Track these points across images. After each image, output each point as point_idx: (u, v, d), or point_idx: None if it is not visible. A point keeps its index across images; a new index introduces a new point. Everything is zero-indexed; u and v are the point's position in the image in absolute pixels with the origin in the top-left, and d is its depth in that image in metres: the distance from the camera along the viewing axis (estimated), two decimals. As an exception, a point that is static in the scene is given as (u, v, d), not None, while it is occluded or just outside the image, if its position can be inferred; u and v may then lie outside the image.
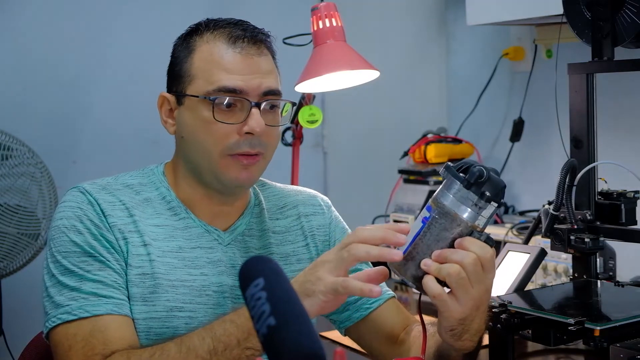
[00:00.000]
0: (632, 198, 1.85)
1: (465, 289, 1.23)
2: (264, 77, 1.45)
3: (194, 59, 1.45)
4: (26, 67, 2.68)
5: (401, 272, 1.27)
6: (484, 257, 1.23)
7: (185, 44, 1.48)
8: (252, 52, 1.45)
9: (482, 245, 1.24)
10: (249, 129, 1.42)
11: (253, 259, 0.97)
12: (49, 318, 1.38)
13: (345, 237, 1.32)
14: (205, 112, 1.43)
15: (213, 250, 1.49)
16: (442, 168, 1.28)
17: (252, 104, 1.43)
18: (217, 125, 1.42)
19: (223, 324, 1.30)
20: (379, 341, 1.57)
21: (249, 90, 1.43)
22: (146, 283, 1.42)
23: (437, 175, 2.84)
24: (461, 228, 1.24)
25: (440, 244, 1.25)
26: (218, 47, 1.44)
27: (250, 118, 1.42)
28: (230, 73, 1.43)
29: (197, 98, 1.43)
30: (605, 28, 1.87)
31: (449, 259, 1.23)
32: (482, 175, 1.22)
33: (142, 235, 1.44)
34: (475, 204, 1.23)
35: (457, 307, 1.24)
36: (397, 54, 3.26)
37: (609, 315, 1.59)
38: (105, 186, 1.47)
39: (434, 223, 1.25)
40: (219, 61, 1.44)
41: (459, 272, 1.22)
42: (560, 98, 2.07)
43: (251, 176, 1.46)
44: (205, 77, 1.44)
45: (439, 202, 1.25)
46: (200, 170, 1.46)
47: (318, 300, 1.26)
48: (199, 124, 1.43)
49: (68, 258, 1.40)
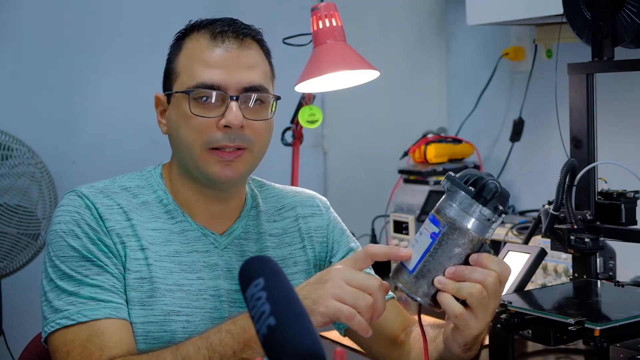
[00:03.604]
0: (632, 198, 1.84)
1: (485, 306, 1.22)
2: (245, 71, 1.44)
3: (180, 57, 1.47)
4: (26, 68, 2.68)
5: (412, 290, 1.24)
6: (503, 275, 1.23)
7: (176, 45, 1.50)
8: (234, 47, 1.45)
9: (499, 262, 1.23)
10: (226, 122, 1.41)
11: (253, 259, 0.96)
12: (47, 323, 1.38)
13: (355, 256, 1.30)
14: (185, 107, 1.43)
15: (209, 254, 1.49)
16: (445, 179, 1.24)
17: (229, 98, 1.43)
18: (196, 120, 1.42)
19: (219, 333, 1.29)
20: (379, 342, 1.57)
21: (228, 85, 1.43)
22: (144, 287, 1.42)
23: (437, 175, 2.85)
24: (473, 243, 1.22)
25: (453, 260, 1.22)
26: (200, 43, 1.45)
27: (228, 111, 1.42)
28: (210, 67, 1.43)
29: (180, 94, 1.44)
30: (605, 28, 1.87)
31: (469, 277, 1.21)
32: (498, 191, 1.20)
33: (139, 239, 1.44)
34: (489, 219, 1.21)
35: (476, 323, 1.23)
36: (397, 54, 3.26)
37: (609, 315, 1.59)
38: (102, 190, 1.47)
39: (445, 239, 1.22)
40: (200, 56, 1.44)
41: (481, 292, 1.21)
42: (560, 98, 2.07)
43: (234, 171, 1.45)
44: (187, 73, 1.45)
45: (448, 216, 1.21)
46: (187, 167, 1.47)
47: (316, 320, 1.22)
48: (180, 120, 1.44)
49: (66, 262, 1.39)
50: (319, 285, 1.24)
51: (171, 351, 1.32)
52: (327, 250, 1.62)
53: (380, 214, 2.99)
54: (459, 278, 1.22)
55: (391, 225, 2.80)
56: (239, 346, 1.27)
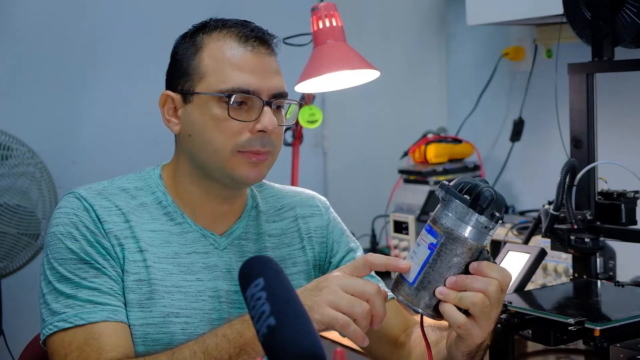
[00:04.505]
0: (632, 198, 1.85)
1: (488, 314, 1.22)
2: (274, 77, 1.45)
3: (203, 56, 1.44)
4: (26, 68, 2.68)
5: (414, 303, 1.24)
6: (504, 282, 1.23)
7: (191, 42, 1.47)
8: (262, 51, 1.45)
9: (500, 269, 1.23)
10: (262, 127, 1.41)
11: (253, 259, 0.97)
12: (45, 325, 1.38)
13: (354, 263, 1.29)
14: (217, 109, 1.42)
15: (209, 255, 1.49)
16: (439, 189, 1.23)
17: (264, 103, 1.43)
18: (230, 123, 1.41)
19: (215, 337, 1.29)
20: (379, 343, 1.56)
21: (261, 90, 1.43)
22: (142, 289, 1.41)
23: (437, 175, 2.84)
24: (472, 251, 1.22)
25: (453, 270, 1.22)
26: (229, 45, 1.44)
27: (262, 116, 1.42)
28: (243, 71, 1.43)
29: (208, 95, 1.43)
30: (605, 28, 1.87)
31: (471, 287, 1.21)
32: (493, 198, 1.19)
33: (138, 241, 1.43)
34: (486, 227, 1.20)
35: (479, 332, 1.23)
36: (397, 54, 3.26)
37: (609, 315, 1.59)
38: (101, 191, 1.46)
39: (443, 249, 1.21)
40: (231, 59, 1.43)
41: (483, 301, 1.20)
42: (560, 98, 2.07)
43: (260, 173, 1.46)
44: (217, 75, 1.43)
45: (445, 226, 1.21)
46: (208, 168, 1.45)
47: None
48: (209, 122, 1.43)
49: (64, 265, 1.39)
50: (315, 292, 1.25)
51: (167, 355, 1.32)
52: (326, 250, 1.62)
53: (380, 214, 2.99)
54: (460, 288, 1.21)
55: (391, 225, 2.80)
56: (234, 350, 1.27)
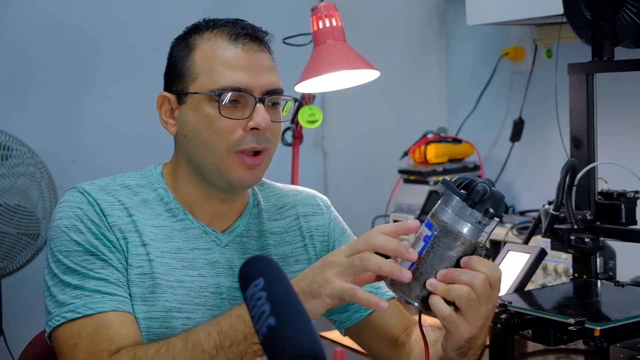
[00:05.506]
0: (632, 198, 1.85)
1: (475, 309, 1.22)
2: (266, 73, 1.45)
3: (195, 57, 1.45)
4: (26, 68, 2.68)
5: (405, 292, 1.24)
6: (493, 277, 1.22)
7: (185, 44, 1.48)
8: (254, 49, 1.45)
9: (490, 265, 1.23)
10: (255, 124, 1.41)
11: (253, 258, 0.96)
12: (52, 317, 1.38)
13: (359, 240, 1.28)
14: (209, 109, 1.42)
15: (211, 251, 1.49)
16: (440, 184, 1.25)
17: (256, 100, 1.43)
18: (222, 121, 1.41)
19: (229, 318, 1.30)
20: (379, 342, 1.57)
21: (253, 87, 1.43)
22: (146, 283, 1.42)
23: (437, 175, 2.85)
24: (465, 246, 1.22)
25: (445, 263, 1.23)
26: (219, 44, 1.44)
27: (255, 113, 1.42)
28: (234, 70, 1.43)
29: (201, 95, 1.43)
30: (605, 28, 1.87)
31: (458, 279, 1.21)
32: (486, 193, 1.20)
33: (141, 235, 1.44)
34: (479, 222, 1.21)
35: (467, 327, 1.23)
36: (397, 54, 3.26)
37: (609, 315, 1.59)
38: (104, 187, 1.47)
39: (436, 242, 1.22)
40: (221, 58, 1.43)
41: (469, 294, 1.21)
42: (560, 98, 2.07)
43: (255, 176, 1.46)
44: (209, 75, 1.43)
45: (440, 220, 1.22)
46: (204, 169, 1.46)
47: (324, 302, 1.25)
48: (202, 122, 1.43)
49: (70, 257, 1.39)
50: (321, 270, 1.27)
51: (181, 338, 1.32)
52: (328, 249, 1.62)
53: (380, 214, 2.99)
54: (449, 280, 1.22)
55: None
56: (250, 330, 1.26)
